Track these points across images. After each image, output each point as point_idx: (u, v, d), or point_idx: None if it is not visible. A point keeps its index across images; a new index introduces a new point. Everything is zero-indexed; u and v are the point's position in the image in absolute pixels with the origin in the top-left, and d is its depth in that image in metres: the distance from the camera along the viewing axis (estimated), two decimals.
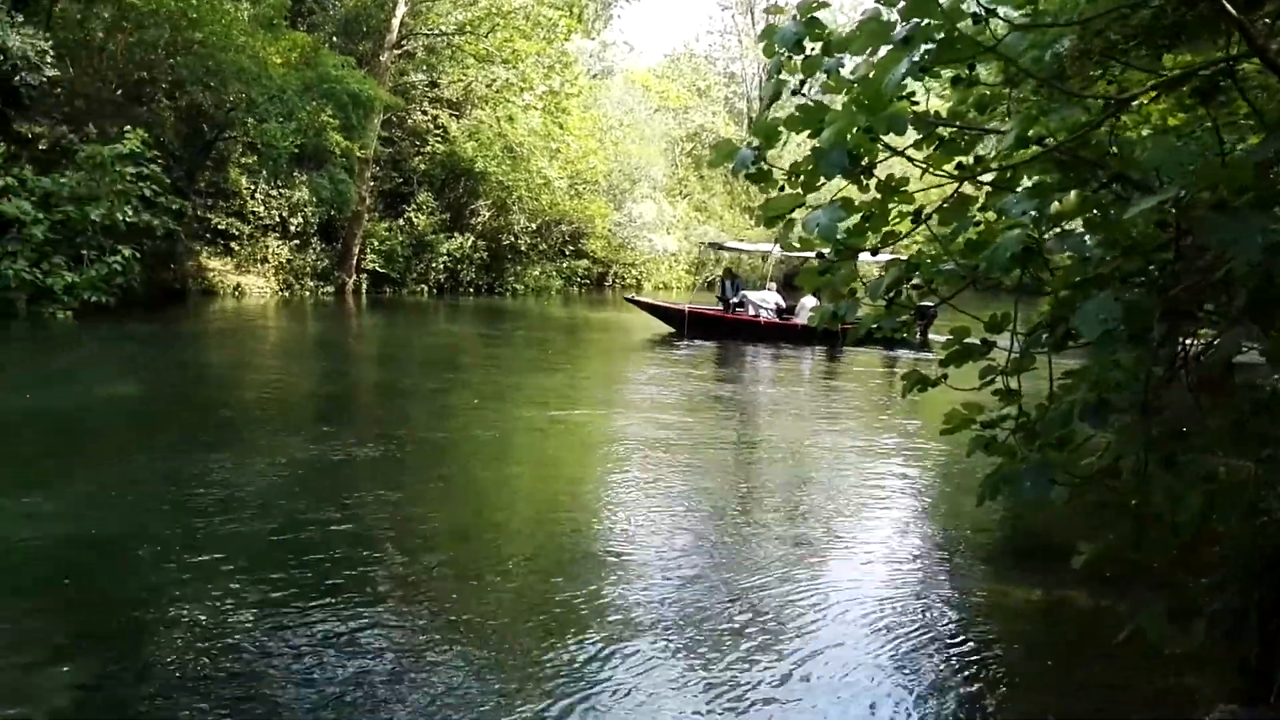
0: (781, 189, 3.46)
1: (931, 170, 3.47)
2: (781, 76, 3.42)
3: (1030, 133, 3.18)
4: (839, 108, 3.26)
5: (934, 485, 8.80)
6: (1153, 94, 3.53)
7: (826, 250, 3.41)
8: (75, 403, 10.54)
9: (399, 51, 28.76)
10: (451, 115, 30.77)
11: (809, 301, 19.81)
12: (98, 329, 16.28)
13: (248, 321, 20.30)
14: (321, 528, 6.53)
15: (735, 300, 20.83)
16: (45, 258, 16.89)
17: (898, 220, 3.47)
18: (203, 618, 4.95)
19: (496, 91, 30.56)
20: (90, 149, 17.81)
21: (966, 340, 3.67)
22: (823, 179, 3.28)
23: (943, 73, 3.24)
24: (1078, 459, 3.28)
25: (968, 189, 3.50)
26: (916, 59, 2.65)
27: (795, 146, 3.75)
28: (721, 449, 10.00)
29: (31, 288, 16.61)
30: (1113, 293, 2.35)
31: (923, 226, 3.35)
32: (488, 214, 31.96)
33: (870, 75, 3.14)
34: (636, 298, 23.96)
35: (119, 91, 20.96)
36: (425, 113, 30.75)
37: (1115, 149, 3.03)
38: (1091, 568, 3.41)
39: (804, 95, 3.40)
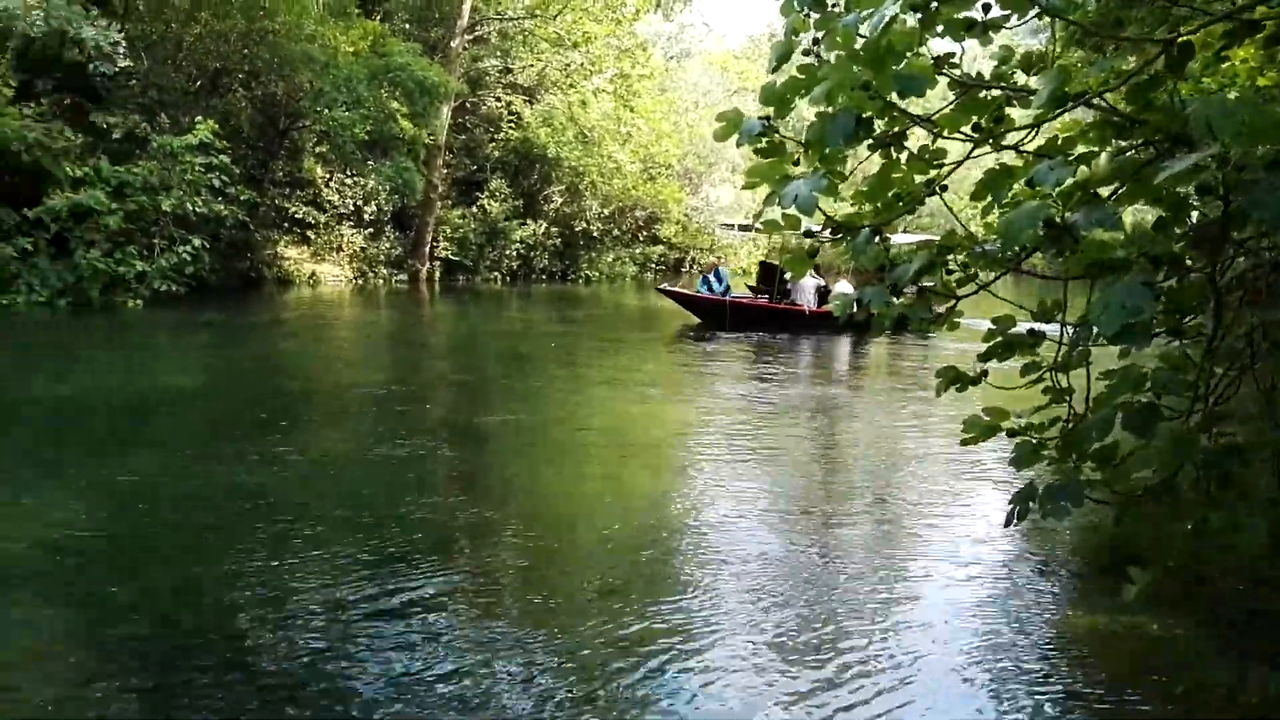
0: (797, 163, 3.02)
1: (946, 134, 2.99)
2: (797, 38, 3.00)
3: (1069, 90, 2.68)
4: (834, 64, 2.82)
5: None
6: (1222, 40, 2.96)
7: (816, 226, 2.96)
8: (134, 389, 10.68)
9: (470, 37, 28.70)
10: (525, 101, 30.62)
11: (843, 287, 19.05)
12: (168, 317, 16.56)
13: (318, 309, 20.44)
14: (392, 515, 6.44)
15: (788, 289, 19.97)
16: (119, 247, 17.19)
17: (903, 191, 2.99)
18: (271, 609, 4.88)
19: (568, 76, 30.31)
20: (161, 140, 18.07)
21: (1011, 332, 3.18)
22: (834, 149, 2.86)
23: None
24: (1127, 473, 2.77)
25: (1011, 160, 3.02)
26: None
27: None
28: (797, 443, 9.58)
29: (105, 277, 16.91)
30: (1138, 276, 1.86)
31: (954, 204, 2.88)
32: (560, 200, 31.78)
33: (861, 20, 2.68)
34: (669, 288, 21.63)
35: (196, 83, 21.29)
36: (498, 99, 30.64)
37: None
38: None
39: (816, 56, 2.94)
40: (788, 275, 19.38)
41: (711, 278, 20.43)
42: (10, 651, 4.43)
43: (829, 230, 3.10)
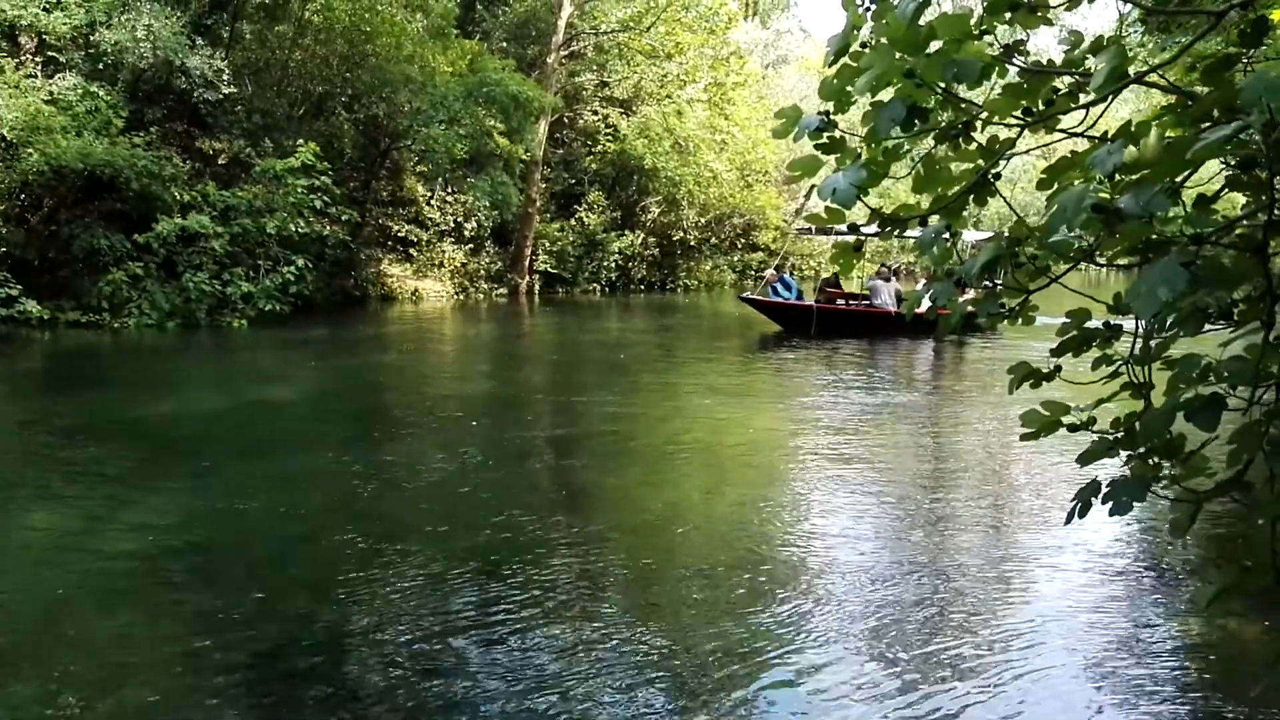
0: (858, 158, 2.79)
1: (997, 120, 2.70)
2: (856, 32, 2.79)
3: (1130, 70, 2.38)
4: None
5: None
6: None
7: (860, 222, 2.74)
8: (236, 406, 10.99)
9: (566, 53, 28.95)
10: (621, 113, 30.73)
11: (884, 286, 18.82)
12: (273, 336, 17.04)
13: (420, 325, 20.82)
14: (488, 526, 6.47)
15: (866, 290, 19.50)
16: (225, 269, 17.81)
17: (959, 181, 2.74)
18: (362, 619, 4.94)
19: (663, 87, 30.28)
20: (265, 163, 18.67)
21: (1087, 325, 2.91)
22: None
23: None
24: (1198, 468, 2.51)
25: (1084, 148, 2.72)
26: None
27: None
28: (895, 449, 9.31)
29: (212, 298, 17.54)
30: (1177, 256, 1.61)
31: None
32: (657, 210, 31.76)
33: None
34: (752, 296, 20.50)
35: (301, 108, 22.00)
36: (595, 112, 30.83)
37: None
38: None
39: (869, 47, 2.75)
40: (856, 279, 19.14)
41: (779, 286, 19.98)
42: (99, 658, 4.49)
43: (879, 225, 2.89)
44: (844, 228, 2.89)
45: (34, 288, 15.89)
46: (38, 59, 17.32)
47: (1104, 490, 2.50)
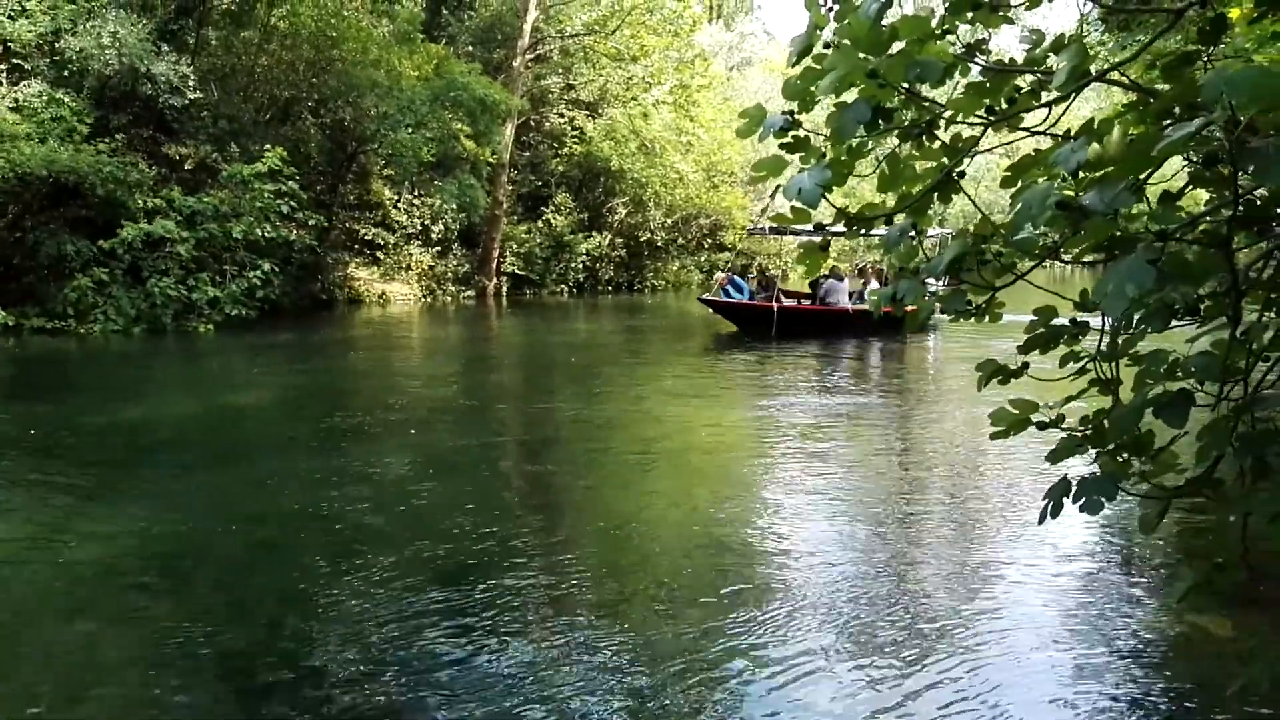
0: (822, 158, 2.88)
1: (960, 119, 2.82)
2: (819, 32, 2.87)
3: (1092, 69, 2.51)
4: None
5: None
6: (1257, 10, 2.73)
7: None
8: (204, 411, 10.93)
9: (532, 56, 28.98)
10: (587, 116, 30.79)
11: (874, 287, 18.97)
12: (240, 341, 16.93)
13: (387, 328, 20.77)
14: (457, 529, 6.46)
15: (821, 294, 19.69)
16: (190, 274, 17.68)
17: (922, 179, 2.83)
18: (331, 621, 4.95)
19: (629, 89, 30.40)
20: (231, 168, 18.56)
21: (1054, 322, 3.00)
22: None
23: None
24: (1167, 464, 2.58)
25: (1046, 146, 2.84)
26: None
27: None
28: (863, 447, 9.37)
29: (178, 303, 17.41)
30: (1143, 254, 1.70)
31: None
32: (624, 211, 31.86)
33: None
34: (710, 298, 20.44)
35: (268, 113, 21.85)
36: (561, 115, 30.88)
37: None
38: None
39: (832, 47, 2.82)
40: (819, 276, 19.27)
41: (730, 288, 20.14)
42: (65, 667, 4.50)
43: (844, 224, 2.96)
44: (808, 227, 2.98)
45: None
46: (2, 66, 17.13)
47: (1074, 489, 2.59)
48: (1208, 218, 2.22)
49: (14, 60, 17.19)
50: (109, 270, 16.82)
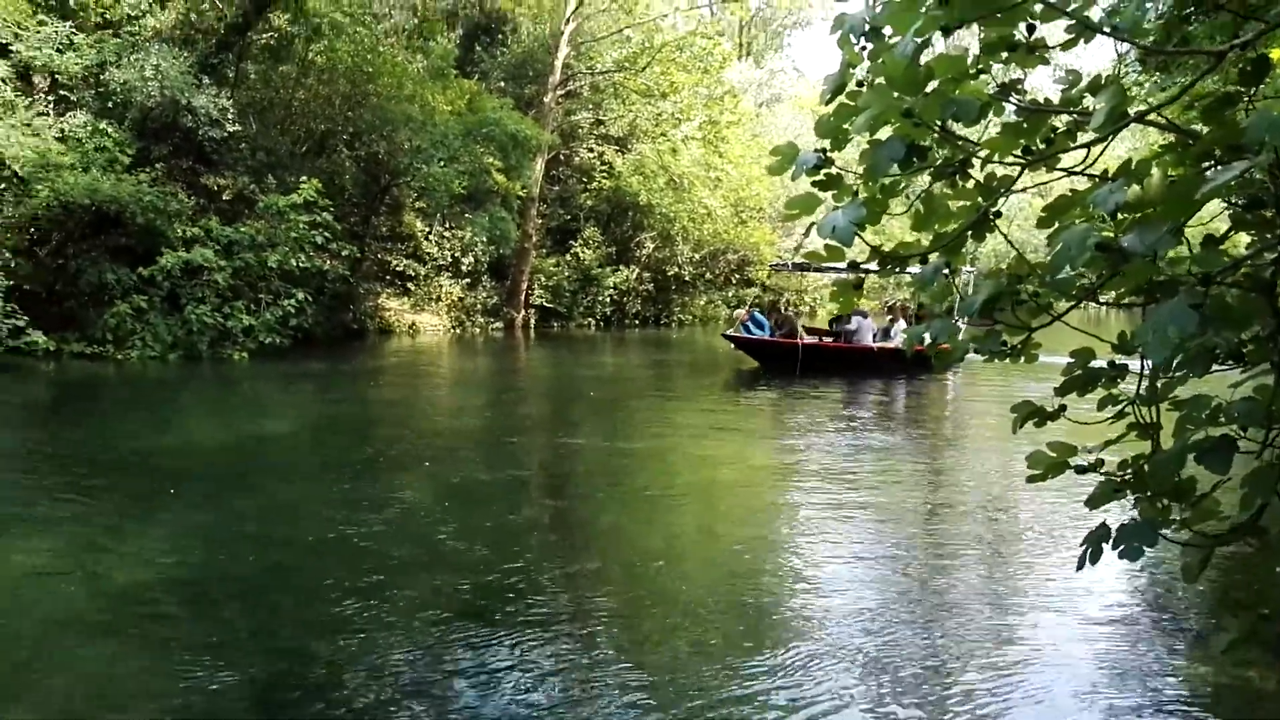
0: (855, 195, 2.91)
1: (997, 159, 2.84)
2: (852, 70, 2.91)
3: (1130, 110, 2.52)
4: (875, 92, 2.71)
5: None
6: None
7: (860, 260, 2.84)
8: (236, 438, 11.04)
9: (563, 92, 29.36)
10: (616, 151, 31.07)
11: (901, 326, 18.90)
12: (273, 368, 17.16)
13: (416, 358, 20.93)
14: (482, 560, 6.52)
15: (851, 328, 19.56)
16: (226, 302, 17.94)
17: (951, 219, 2.84)
18: (354, 650, 4.99)
19: (658, 125, 30.68)
20: (268, 199, 18.88)
21: (1092, 365, 2.98)
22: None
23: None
24: (1209, 512, 2.55)
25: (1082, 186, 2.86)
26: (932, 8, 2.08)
27: None
28: (891, 488, 9.26)
29: (214, 331, 17.66)
30: (1185, 298, 1.71)
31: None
32: (652, 246, 32.02)
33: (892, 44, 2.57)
34: (733, 334, 19.94)
35: (304, 145, 22.24)
36: (591, 150, 31.19)
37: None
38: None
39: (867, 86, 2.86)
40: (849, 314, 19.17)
41: (750, 324, 20.08)
42: (92, 688, 4.56)
43: (879, 262, 2.98)
44: (837, 265, 2.97)
45: (41, 319, 15.99)
46: (50, 98, 17.58)
47: (1114, 535, 2.55)
48: (1250, 261, 2.21)
49: (61, 91, 17.66)
50: (148, 297, 17.11)
